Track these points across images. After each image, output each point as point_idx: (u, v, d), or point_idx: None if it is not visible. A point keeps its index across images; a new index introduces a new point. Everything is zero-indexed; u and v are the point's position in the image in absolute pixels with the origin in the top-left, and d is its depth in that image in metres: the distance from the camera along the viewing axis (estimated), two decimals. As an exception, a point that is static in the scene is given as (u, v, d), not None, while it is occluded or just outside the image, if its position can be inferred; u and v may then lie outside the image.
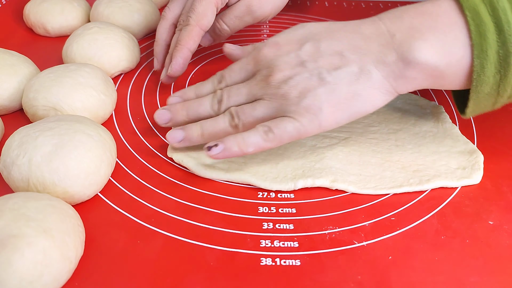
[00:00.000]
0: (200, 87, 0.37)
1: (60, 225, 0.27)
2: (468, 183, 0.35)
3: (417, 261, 0.29)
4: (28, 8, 0.54)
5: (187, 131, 0.34)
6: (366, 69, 0.32)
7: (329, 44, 0.33)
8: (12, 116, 0.41)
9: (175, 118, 0.36)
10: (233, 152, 0.32)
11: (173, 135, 0.35)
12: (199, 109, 0.35)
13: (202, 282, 0.28)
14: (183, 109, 0.36)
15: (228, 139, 0.32)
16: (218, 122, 0.34)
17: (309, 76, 0.32)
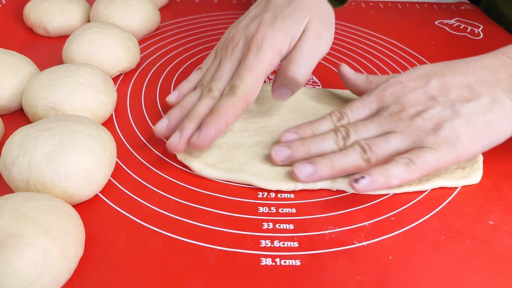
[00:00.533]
0: (316, 124, 0.36)
1: (60, 225, 0.27)
2: (468, 183, 0.35)
3: (417, 261, 0.29)
4: (28, 8, 0.54)
5: (317, 165, 0.33)
6: (499, 99, 0.33)
7: (455, 79, 0.35)
8: (12, 116, 0.41)
9: (296, 154, 0.34)
10: (380, 183, 0.31)
11: (302, 169, 0.33)
12: (322, 145, 0.34)
13: (202, 282, 0.28)
14: (304, 145, 0.35)
15: (373, 171, 0.31)
16: (349, 156, 0.33)
17: (443, 109, 0.33)
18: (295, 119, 0.41)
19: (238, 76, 0.35)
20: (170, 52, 0.53)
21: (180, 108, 0.37)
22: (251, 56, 0.36)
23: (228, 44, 0.38)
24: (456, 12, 0.66)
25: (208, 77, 0.38)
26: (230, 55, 0.37)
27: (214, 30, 0.59)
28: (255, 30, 0.37)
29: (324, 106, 0.43)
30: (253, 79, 0.35)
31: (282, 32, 0.36)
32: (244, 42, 0.37)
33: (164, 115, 0.38)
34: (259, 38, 0.36)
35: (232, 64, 0.37)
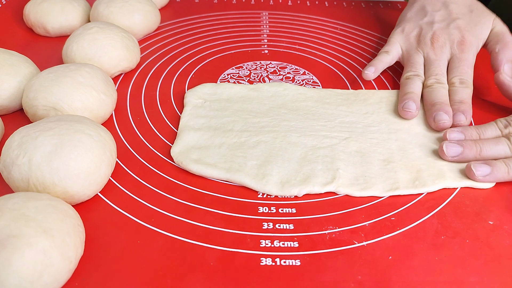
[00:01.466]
0: (483, 128, 0.39)
1: (60, 225, 0.27)
2: (473, 185, 0.35)
3: (417, 261, 0.29)
4: (28, 8, 0.54)
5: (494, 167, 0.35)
6: None
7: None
8: (12, 116, 0.41)
9: (467, 153, 0.37)
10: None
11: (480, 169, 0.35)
12: (495, 148, 0.37)
13: (202, 282, 0.28)
14: (476, 145, 0.37)
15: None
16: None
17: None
18: (295, 119, 0.41)
19: (464, 72, 0.44)
20: (170, 52, 0.53)
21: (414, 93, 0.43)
22: (467, 55, 0.45)
23: (433, 42, 0.47)
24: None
25: (419, 69, 0.46)
26: (441, 54, 0.46)
27: (214, 30, 0.59)
28: (461, 35, 0.46)
29: (324, 106, 0.43)
30: (472, 73, 0.45)
31: (478, 36, 0.47)
32: (451, 44, 0.46)
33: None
34: (469, 41, 0.46)
35: (444, 62, 0.46)
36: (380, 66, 0.47)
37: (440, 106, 0.41)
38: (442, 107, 0.41)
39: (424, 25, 0.49)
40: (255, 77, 0.49)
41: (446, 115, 0.40)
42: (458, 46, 0.46)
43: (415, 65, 0.46)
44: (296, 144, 0.38)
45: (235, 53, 0.53)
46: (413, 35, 0.49)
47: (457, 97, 0.42)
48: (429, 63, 0.46)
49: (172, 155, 0.37)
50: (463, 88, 0.43)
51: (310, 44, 0.56)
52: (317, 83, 0.48)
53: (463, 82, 0.43)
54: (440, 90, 0.43)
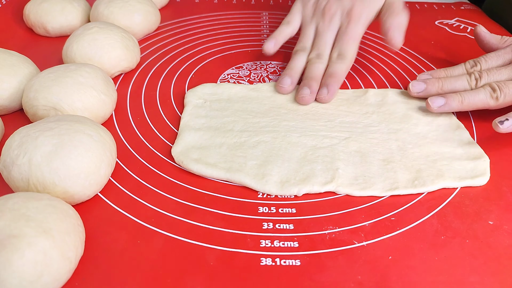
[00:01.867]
0: (450, 69, 0.43)
1: (60, 225, 0.27)
2: (473, 184, 0.35)
3: (417, 261, 0.29)
4: (28, 8, 0.54)
5: (449, 98, 0.40)
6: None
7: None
8: (12, 116, 0.41)
9: (430, 88, 0.42)
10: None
11: (435, 101, 0.40)
12: (455, 83, 0.41)
13: (202, 282, 0.28)
14: (438, 82, 0.42)
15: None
16: (479, 93, 0.39)
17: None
18: (295, 119, 0.41)
19: (345, 45, 0.44)
20: (170, 52, 0.53)
21: (294, 69, 0.45)
22: (353, 28, 0.44)
23: (324, 14, 0.46)
24: (456, 12, 0.66)
25: (307, 42, 0.46)
26: (329, 25, 0.45)
27: (214, 30, 0.59)
28: (351, 5, 0.45)
29: (324, 106, 0.43)
30: (355, 47, 0.45)
31: (371, 8, 0.45)
32: (340, 15, 0.45)
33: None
34: (358, 12, 0.45)
35: (332, 34, 0.45)
36: (281, 39, 0.47)
37: (306, 81, 0.43)
38: (307, 82, 0.43)
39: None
40: (255, 77, 0.49)
41: (308, 89, 0.42)
42: (346, 17, 0.45)
43: (304, 38, 0.47)
44: (296, 144, 0.38)
45: (235, 53, 0.53)
46: (311, 4, 0.48)
47: (328, 71, 0.43)
48: (317, 35, 0.46)
49: (173, 155, 0.37)
50: (339, 63, 0.43)
51: (310, 44, 0.56)
52: (317, 83, 0.48)
53: (340, 55, 0.44)
54: (316, 65, 0.44)
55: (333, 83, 0.43)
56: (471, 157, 0.37)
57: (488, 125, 0.41)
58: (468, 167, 0.36)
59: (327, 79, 0.43)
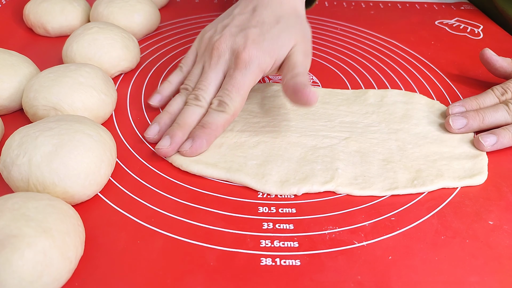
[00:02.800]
0: (482, 98, 0.42)
1: (60, 225, 0.27)
2: (471, 183, 0.35)
3: (417, 261, 0.29)
4: (28, 8, 0.54)
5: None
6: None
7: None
8: (12, 116, 0.41)
9: (471, 123, 0.40)
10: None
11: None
12: (496, 115, 0.40)
13: (202, 282, 0.28)
14: (478, 115, 0.40)
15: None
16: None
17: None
18: (295, 119, 0.41)
19: (227, 94, 0.37)
20: (170, 52, 0.53)
21: (168, 113, 0.39)
22: (239, 75, 0.37)
23: (212, 50, 0.39)
24: (456, 12, 0.66)
25: (191, 82, 0.40)
26: (216, 64, 0.39)
27: (214, 30, 0.58)
28: (243, 46, 0.37)
29: (324, 106, 0.43)
30: (240, 98, 0.37)
31: (269, 54, 0.38)
32: (231, 55, 0.38)
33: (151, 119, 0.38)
34: (247, 57, 0.37)
35: (217, 75, 0.39)
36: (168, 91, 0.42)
37: (172, 129, 0.36)
38: (172, 130, 0.36)
39: (219, 28, 0.41)
40: (255, 77, 0.49)
41: (168, 140, 0.36)
42: (235, 60, 0.38)
43: (190, 76, 0.40)
44: (296, 144, 0.38)
45: (235, 53, 0.53)
46: (206, 38, 0.41)
47: (203, 120, 0.37)
48: (202, 74, 0.39)
49: (171, 160, 0.36)
50: (217, 112, 0.37)
51: (310, 44, 0.56)
52: (317, 83, 0.48)
53: (221, 104, 0.37)
54: (191, 109, 0.37)
55: (202, 136, 0.36)
56: (470, 156, 0.37)
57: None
58: (467, 166, 0.36)
59: (197, 130, 0.36)
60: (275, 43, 0.38)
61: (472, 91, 0.47)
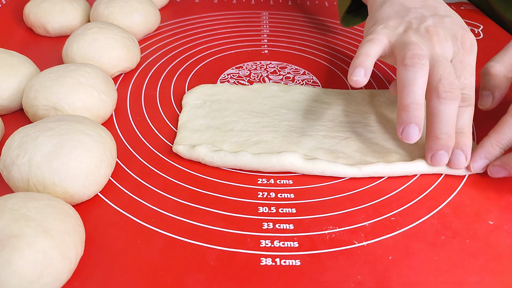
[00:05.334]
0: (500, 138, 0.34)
1: (60, 225, 0.27)
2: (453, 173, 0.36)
3: (417, 261, 0.29)
4: (28, 8, 0.54)
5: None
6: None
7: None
8: (12, 116, 0.41)
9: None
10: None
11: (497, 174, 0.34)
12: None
13: (202, 282, 0.28)
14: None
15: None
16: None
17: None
18: (295, 119, 0.41)
19: (468, 84, 0.35)
20: (170, 52, 0.53)
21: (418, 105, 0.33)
22: (469, 59, 0.35)
23: (432, 35, 0.36)
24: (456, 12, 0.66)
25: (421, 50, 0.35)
26: (443, 49, 0.35)
27: (214, 30, 0.59)
28: (460, 32, 0.36)
29: (324, 106, 0.43)
30: (474, 84, 0.35)
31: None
32: (453, 40, 0.36)
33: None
34: (472, 39, 0.36)
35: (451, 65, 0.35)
36: (369, 64, 0.35)
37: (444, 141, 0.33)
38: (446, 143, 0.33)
39: (412, 20, 0.37)
40: (255, 77, 0.49)
41: (447, 156, 0.34)
42: (463, 44, 0.36)
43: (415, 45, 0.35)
44: (296, 144, 0.38)
45: (235, 53, 0.53)
46: (401, 30, 0.37)
47: (458, 123, 0.34)
48: (433, 61, 0.34)
49: (177, 150, 0.37)
50: (465, 108, 0.34)
51: (310, 44, 0.56)
52: (317, 83, 0.48)
53: (466, 98, 0.34)
54: (451, 107, 0.33)
55: (468, 144, 0.34)
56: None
57: (489, 125, 0.41)
58: None
59: (462, 139, 0.34)
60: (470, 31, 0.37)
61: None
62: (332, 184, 0.35)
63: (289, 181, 0.35)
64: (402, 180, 0.36)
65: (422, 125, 0.33)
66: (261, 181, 0.35)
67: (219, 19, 0.62)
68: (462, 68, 0.35)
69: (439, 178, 0.36)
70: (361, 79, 0.34)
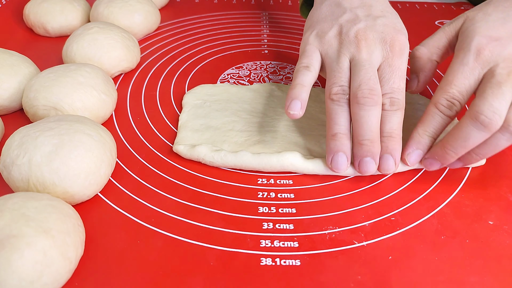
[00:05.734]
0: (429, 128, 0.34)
1: (60, 225, 0.27)
2: None
3: (417, 261, 0.29)
4: (28, 8, 0.54)
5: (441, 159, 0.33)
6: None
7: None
8: (12, 116, 0.41)
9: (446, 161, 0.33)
10: None
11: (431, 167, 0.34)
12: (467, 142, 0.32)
13: (202, 282, 0.28)
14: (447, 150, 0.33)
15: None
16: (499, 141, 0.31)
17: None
18: (295, 119, 0.41)
19: (396, 88, 0.34)
20: (170, 52, 0.53)
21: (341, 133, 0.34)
22: (398, 62, 0.35)
23: (358, 42, 0.35)
24: (456, 12, 0.66)
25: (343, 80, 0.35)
26: (370, 55, 0.35)
27: (214, 30, 0.59)
28: (390, 34, 0.35)
29: (323, 105, 0.43)
30: (404, 87, 0.35)
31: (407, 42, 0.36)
32: (381, 44, 0.35)
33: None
34: (402, 42, 0.35)
35: (375, 68, 0.35)
36: (305, 95, 0.35)
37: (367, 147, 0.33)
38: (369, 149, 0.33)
39: (344, 23, 0.37)
40: (255, 77, 0.49)
41: (373, 162, 0.33)
42: (391, 48, 0.35)
43: (339, 73, 0.35)
44: (296, 144, 0.38)
45: (235, 53, 0.53)
46: (332, 35, 0.37)
47: (386, 127, 0.33)
48: (357, 67, 0.34)
49: (177, 150, 0.37)
50: (393, 112, 0.33)
51: (310, 44, 0.56)
52: (317, 83, 0.48)
53: (393, 102, 0.33)
54: (371, 113, 0.33)
55: (397, 149, 0.33)
56: None
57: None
58: None
59: (389, 143, 0.33)
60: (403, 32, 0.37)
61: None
62: (332, 184, 0.35)
63: (289, 181, 0.35)
64: (402, 180, 0.36)
65: (350, 154, 0.34)
66: (261, 181, 0.35)
67: (219, 19, 0.62)
68: (391, 72, 0.34)
69: (439, 178, 0.36)
70: (297, 113, 0.34)
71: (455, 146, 0.32)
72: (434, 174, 0.36)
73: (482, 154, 0.33)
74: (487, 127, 0.30)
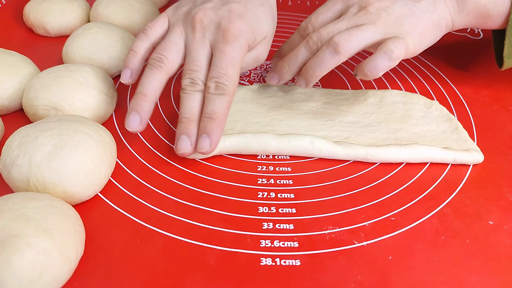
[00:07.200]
0: (289, 42, 0.41)
1: (60, 225, 0.27)
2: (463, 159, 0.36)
3: (417, 261, 0.29)
4: (28, 8, 0.54)
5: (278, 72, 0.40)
6: (438, 3, 0.38)
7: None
8: (12, 116, 0.41)
9: (282, 75, 0.40)
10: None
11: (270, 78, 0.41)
12: (297, 58, 0.38)
13: (202, 282, 0.28)
14: (283, 64, 0.39)
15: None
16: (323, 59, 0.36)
17: (401, 6, 0.37)
18: (295, 118, 0.41)
19: (222, 73, 0.35)
20: (170, 52, 0.53)
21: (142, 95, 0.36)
22: (230, 49, 0.35)
23: (194, 24, 0.36)
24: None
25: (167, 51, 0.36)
26: (202, 39, 0.36)
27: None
28: (229, 20, 0.36)
29: (324, 106, 0.43)
30: (236, 74, 0.35)
31: (252, 31, 0.37)
32: (216, 28, 0.36)
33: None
34: (236, 29, 0.35)
35: (206, 51, 0.36)
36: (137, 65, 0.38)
37: (184, 126, 0.34)
38: (185, 127, 0.34)
39: (199, 2, 0.38)
40: (255, 77, 0.49)
41: (187, 140, 0.34)
42: (224, 33, 0.35)
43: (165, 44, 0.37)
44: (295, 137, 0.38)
45: (235, 53, 0.53)
46: (184, 10, 0.38)
47: (208, 109, 0.34)
48: (188, 52, 0.36)
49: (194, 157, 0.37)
50: (218, 96, 0.34)
51: (310, 44, 0.56)
52: (317, 83, 0.48)
53: (218, 86, 0.34)
54: (192, 97, 0.35)
55: (216, 130, 0.34)
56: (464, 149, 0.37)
57: (489, 124, 0.42)
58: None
59: (207, 123, 0.34)
60: (259, 24, 0.38)
61: (472, 90, 0.47)
62: (332, 184, 0.35)
63: (289, 181, 0.36)
64: (402, 180, 0.36)
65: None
66: (261, 181, 0.35)
67: (219, 19, 0.62)
68: (220, 57, 0.35)
69: (439, 178, 0.36)
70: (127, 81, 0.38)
71: (288, 61, 0.39)
72: (434, 174, 0.36)
73: (313, 69, 0.37)
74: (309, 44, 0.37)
